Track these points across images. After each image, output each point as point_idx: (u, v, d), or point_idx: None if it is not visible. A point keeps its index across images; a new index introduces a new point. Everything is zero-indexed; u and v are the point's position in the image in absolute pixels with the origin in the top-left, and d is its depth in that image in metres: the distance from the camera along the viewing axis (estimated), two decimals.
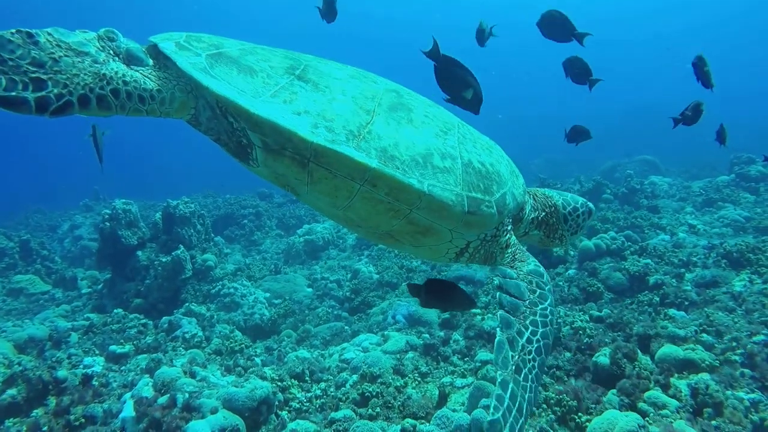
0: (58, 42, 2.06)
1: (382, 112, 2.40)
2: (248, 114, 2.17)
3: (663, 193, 14.52)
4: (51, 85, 1.97)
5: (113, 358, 6.77)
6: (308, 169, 2.27)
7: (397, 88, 2.68)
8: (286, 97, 2.26)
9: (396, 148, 2.32)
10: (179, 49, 2.30)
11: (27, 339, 7.89)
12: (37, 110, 1.92)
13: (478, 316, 7.49)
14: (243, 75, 2.28)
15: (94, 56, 2.14)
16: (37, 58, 1.97)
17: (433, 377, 6.03)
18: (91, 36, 2.22)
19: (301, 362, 6.27)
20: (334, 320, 9.01)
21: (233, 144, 2.41)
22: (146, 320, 8.49)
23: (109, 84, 2.13)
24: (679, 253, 8.89)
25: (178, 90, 2.35)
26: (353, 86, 2.45)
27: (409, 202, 2.36)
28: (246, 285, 10.20)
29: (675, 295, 7.31)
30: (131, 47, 2.32)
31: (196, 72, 2.22)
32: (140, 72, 2.28)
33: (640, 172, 18.78)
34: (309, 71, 2.43)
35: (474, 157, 2.60)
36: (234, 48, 2.43)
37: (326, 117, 2.25)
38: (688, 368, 5.00)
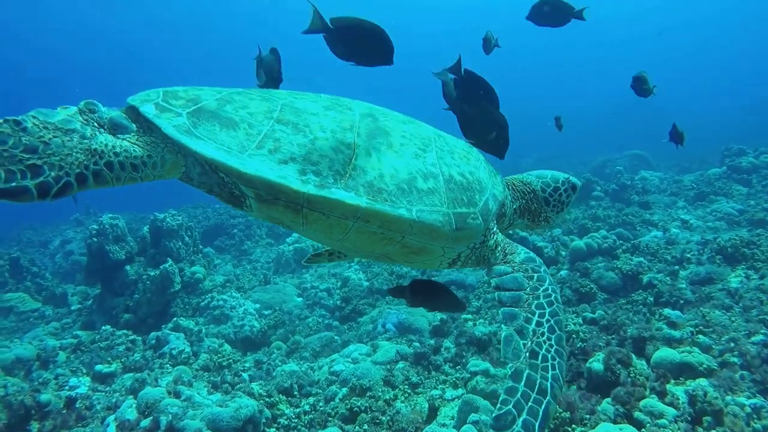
0: (44, 124, 2.08)
1: (362, 143, 2.46)
2: (239, 173, 2.22)
3: (654, 188, 14.44)
4: (47, 169, 2.00)
5: (99, 378, 6.63)
6: (302, 213, 2.35)
7: (371, 110, 2.72)
8: (270, 145, 2.31)
9: (381, 180, 2.40)
10: (160, 112, 2.31)
11: (14, 360, 7.77)
12: (39, 197, 1.95)
13: (469, 322, 7.38)
14: (226, 129, 2.32)
15: (81, 132, 2.16)
16: (29, 144, 2.00)
17: (424, 387, 5.90)
18: (73, 111, 2.24)
19: (290, 376, 6.13)
20: (324, 330, 8.89)
21: (226, 194, 2.47)
22: (135, 336, 8.36)
23: (102, 158, 2.17)
24: (673, 250, 8.81)
25: (167, 152, 2.38)
26: (330, 120, 2.50)
27: (400, 231, 2.45)
28: (235, 297, 10.07)
29: (669, 293, 7.22)
30: (113, 116, 2.34)
31: (182, 135, 2.24)
32: (128, 140, 2.30)
33: (630, 167, 18.72)
34: (286, 112, 2.47)
35: (454, 170, 2.67)
36: (211, 100, 2.45)
37: (312, 160, 2.31)
38: (685, 372, 4.85)
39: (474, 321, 7.40)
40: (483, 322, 7.24)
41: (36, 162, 1.98)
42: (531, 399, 2.27)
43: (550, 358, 2.40)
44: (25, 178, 1.93)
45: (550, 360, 2.40)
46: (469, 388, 5.12)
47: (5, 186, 1.89)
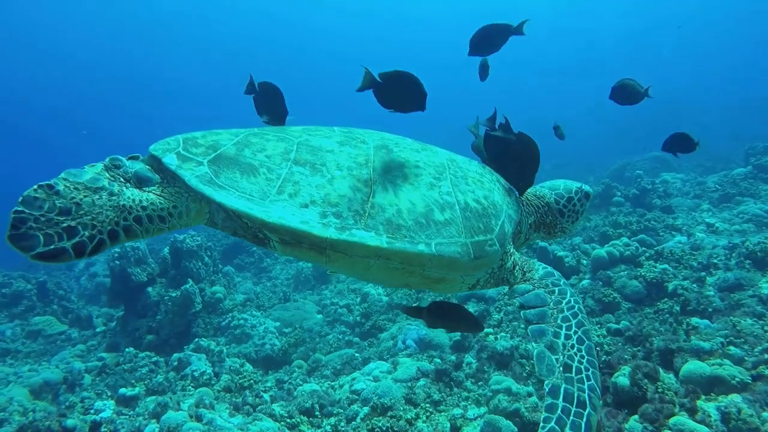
0: (74, 185, 2.20)
1: (378, 179, 2.54)
2: (262, 222, 2.32)
3: (676, 191, 14.15)
4: (81, 228, 2.11)
5: (123, 401, 6.68)
6: (325, 254, 2.43)
7: (384, 141, 2.79)
8: (290, 189, 2.39)
9: (400, 216, 2.47)
10: (182, 162, 2.41)
11: (42, 383, 7.92)
12: (76, 256, 2.08)
13: (491, 336, 7.27)
14: (247, 176, 2.41)
15: (108, 189, 2.27)
16: (63, 206, 2.12)
17: (446, 405, 5.82)
18: (100, 168, 2.35)
19: (311, 396, 6.10)
20: (345, 346, 8.84)
21: (250, 236, 2.56)
22: (157, 357, 8.42)
23: (131, 213, 2.27)
24: (698, 256, 8.58)
25: (191, 201, 2.48)
26: (346, 156, 2.59)
27: (421, 265, 2.51)
28: (256, 315, 10.10)
29: (697, 301, 7.02)
30: (138, 170, 2.44)
31: (205, 186, 2.34)
32: (153, 192, 2.41)
33: (651, 170, 18.40)
34: (302, 151, 2.56)
35: (469, 196, 2.72)
36: (229, 145, 2.54)
37: (331, 202, 2.39)
38: (716, 386, 4.67)
39: (495, 335, 7.29)
40: (504, 336, 7.13)
41: (71, 223, 2.09)
42: (572, 413, 2.30)
43: (583, 369, 2.44)
44: (62, 240, 2.05)
45: (584, 371, 2.43)
46: (491, 406, 5.03)
47: (46, 249, 2.01)
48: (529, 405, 4.98)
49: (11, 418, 6.13)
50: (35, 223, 2.04)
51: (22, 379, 7.88)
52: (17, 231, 2.01)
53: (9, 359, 10.56)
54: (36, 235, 2.02)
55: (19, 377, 8.03)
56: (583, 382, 2.38)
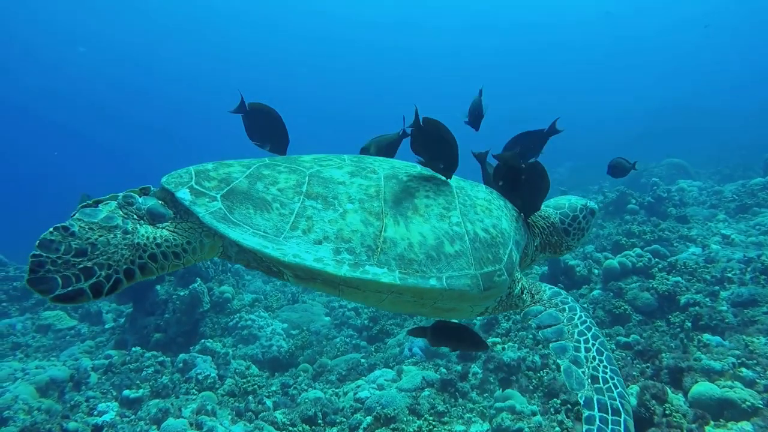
0: (89, 225, 2.24)
1: (389, 211, 2.57)
2: (277, 260, 2.33)
3: (692, 200, 13.91)
4: (98, 269, 2.15)
5: (127, 403, 6.69)
6: (339, 289, 2.48)
7: (394, 171, 2.82)
8: (304, 225, 2.42)
9: (411, 250, 2.49)
10: (195, 197, 2.43)
11: (48, 381, 7.93)
12: (94, 296, 2.12)
13: (498, 345, 7.18)
14: (260, 212, 2.43)
15: (122, 227, 2.30)
16: (78, 247, 2.15)
17: (450, 416, 5.74)
18: (113, 206, 2.38)
19: (314, 404, 6.06)
20: (352, 350, 8.81)
21: (264, 268, 2.57)
22: (164, 357, 8.43)
23: (146, 251, 2.30)
24: (712, 269, 8.42)
25: (205, 236, 2.49)
26: (357, 188, 2.62)
27: (432, 299, 2.55)
28: (263, 316, 10.09)
29: (709, 316, 6.88)
30: (151, 206, 2.47)
31: (219, 224, 2.36)
32: (167, 229, 2.43)
33: (667, 177, 18.13)
34: (314, 184, 2.59)
35: (478, 226, 2.74)
36: (241, 177, 2.57)
37: (344, 238, 2.42)
38: (726, 409, 4.54)
39: (503, 345, 7.19)
40: (512, 346, 7.03)
41: (87, 264, 2.13)
42: (610, 422, 2.39)
43: (609, 379, 2.54)
44: (79, 281, 2.09)
45: (610, 381, 2.53)
46: (494, 425, 4.94)
47: (64, 291, 2.05)
48: (533, 425, 4.89)
49: (16, 416, 6.16)
50: (53, 266, 2.07)
51: (29, 376, 7.91)
52: (35, 275, 2.05)
53: (19, 353, 10.67)
54: (54, 278, 2.06)
55: (26, 374, 8.08)
56: (612, 391, 2.48)
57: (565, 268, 9.28)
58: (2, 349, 10.88)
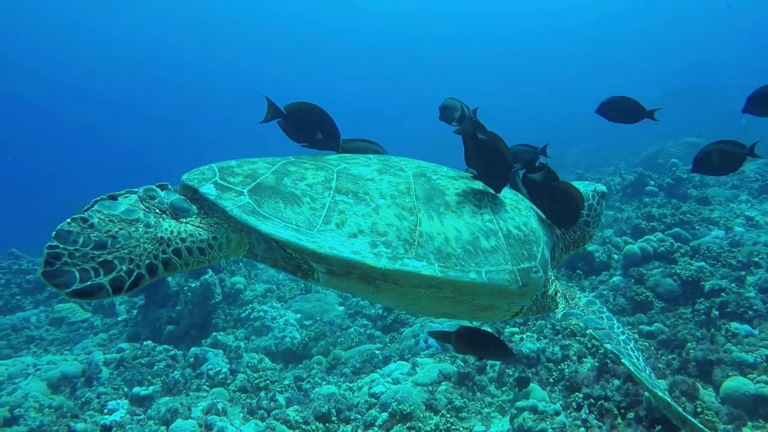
0: (109, 217, 2.12)
1: (422, 207, 2.50)
2: (313, 253, 2.22)
3: (713, 180, 13.49)
4: (118, 263, 2.02)
5: (137, 401, 6.59)
6: (375, 284, 2.37)
7: (421, 169, 2.77)
8: (337, 219, 2.33)
9: (448, 244, 2.42)
10: (221, 192, 2.32)
11: (60, 377, 7.89)
12: (114, 292, 1.98)
13: (516, 335, 6.96)
14: (290, 206, 2.33)
15: (144, 221, 2.19)
16: (98, 240, 2.03)
17: (468, 411, 5.57)
18: (134, 200, 2.25)
19: (328, 400, 5.91)
20: (366, 341, 8.65)
21: (291, 267, 2.46)
22: (175, 351, 8.34)
23: (170, 246, 2.18)
24: (737, 253, 8.10)
25: (231, 231, 2.39)
26: (387, 184, 2.55)
27: (471, 294, 2.46)
28: (276, 307, 9.98)
29: (736, 303, 6.60)
30: (173, 200, 2.35)
31: (249, 217, 2.25)
32: (191, 223, 2.32)
33: (685, 156, 17.63)
34: (343, 180, 2.51)
35: (510, 224, 2.69)
36: (268, 173, 2.48)
37: (379, 231, 2.34)
38: (761, 406, 4.29)
39: (521, 335, 6.97)
40: (531, 336, 6.81)
41: (107, 257, 2.00)
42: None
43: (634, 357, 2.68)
44: (98, 275, 1.96)
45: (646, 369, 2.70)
46: (515, 425, 4.74)
47: (82, 286, 1.91)
48: (556, 425, 4.68)
49: (27, 414, 6.09)
50: (70, 258, 1.94)
51: (40, 372, 7.87)
52: (51, 267, 1.92)
53: (33, 347, 10.67)
54: (71, 271, 1.93)
55: (37, 369, 8.04)
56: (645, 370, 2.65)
57: (584, 254, 9.01)
58: (17, 343, 10.89)
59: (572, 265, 9.04)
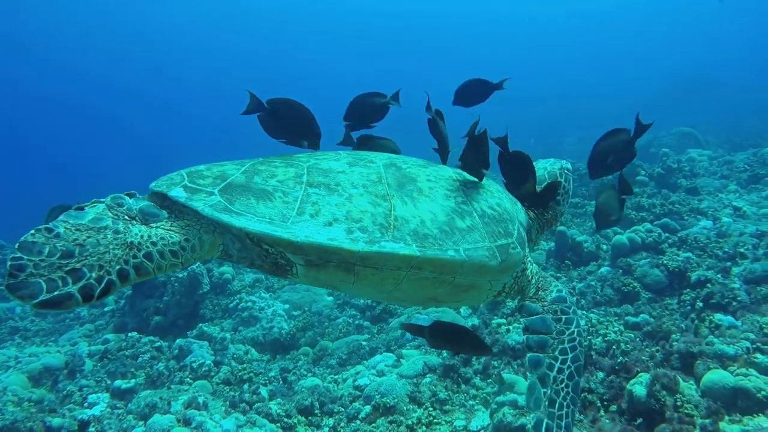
0: (76, 226, 2.07)
1: (395, 193, 2.52)
2: (288, 242, 2.22)
3: (703, 170, 13.49)
4: (87, 270, 1.97)
5: (118, 394, 6.53)
6: (354, 271, 2.37)
7: (391, 160, 2.79)
8: (311, 210, 2.33)
9: (424, 226, 2.44)
10: (191, 194, 2.31)
11: (42, 369, 7.78)
12: (84, 300, 1.93)
13: (503, 327, 6.94)
14: (262, 201, 2.33)
15: (113, 227, 2.15)
16: (65, 249, 1.98)
17: (452, 404, 5.54)
18: (102, 208, 2.22)
19: (311, 393, 5.88)
20: (354, 331, 8.62)
21: (268, 265, 2.45)
22: (161, 342, 8.27)
23: (140, 250, 2.14)
24: (724, 244, 8.10)
25: (204, 232, 2.36)
26: (358, 175, 2.56)
27: (452, 272, 2.49)
28: (264, 297, 9.93)
29: (721, 294, 6.58)
30: (142, 206, 2.31)
31: (221, 214, 2.23)
32: (162, 227, 2.28)
33: (677, 146, 17.65)
34: (314, 174, 2.51)
35: (483, 204, 2.74)
36: (238, 174, 2.46)
37: (354, 218, 2.35)
38: (740, 399, 4.25)
39: (508, 326, 6.95)
40: (517, 328, 6.78)
41: (75, 266, 1.96)
42: None
43: (565, 406, 2.64)
44: (66, 284, 1.91)
45: (565, 408, 2.64)
46: (495, 420, 4.71)
47: (49, 296, 1.85)
48: None
49: (5, 408, 6.00)
50: (35, 269, 1.89)
51: (21, 364, 7.77)
52: (16, 279, 1.86)
53: (18, 338, 10.57)
54: (37, 282, 1.87)
55: (18, 362, 7.94)
56: (562, 419, 2.60)
57: (572, 244, 9.00)
58: (1, 334, 10.79)
59: (561, 255, 9.03)
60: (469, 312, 8.17)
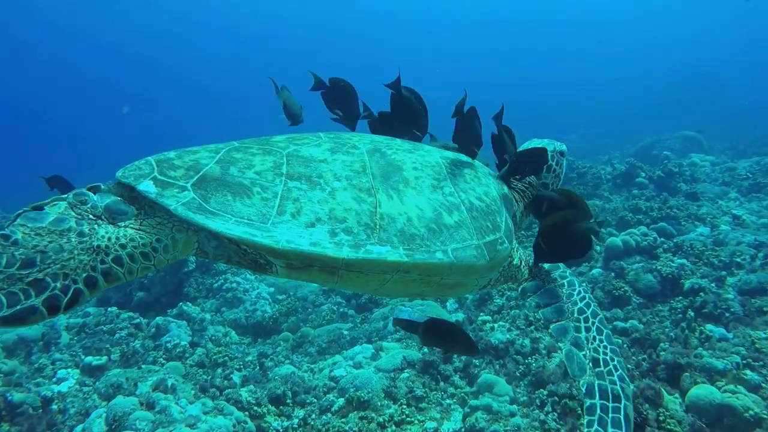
0: (36, 231, 1.89)
1: (380, 186, 2.37)
2: (269, 249, 2.08)
3: (704, 176, 13.24)
4: (51, 280, 1.81)
5: (88, 371, 6.36)
6: (338, 275, 2.25)
7: (375, 144, 2.63)
8: (292, 208, 2.17)
9: (411, 224, 2.32)
10: (162, 189, 2.12)
11: (17, 340, 7.62)
12: (50, 313, 1.78)
13: (488, 324, 6.77)
14: (240, 198, 2.16)
15: (77, 229, 1.97)
16: (24, 258, 1.80)
17: (429, 402, 5.37)
18: (63, 207, 2.03)
19: (284, 382, 5.70)
20: (338, 319, 8.46)
21: (247, 262, 2.32)
22: (140, 320, 8.11)
23: (108, 254, 1.98)
24: (721, 252, 7.90)
25: (176, 231, 2.20)
26: (341, 164, 2.40)
27: (440, 275, 2.39)
28: (249, 279, 9.75)
29: (714, 304, 6.41)
30: (108, 203, 2.12)
31: (195, 215, 2.06)
32: (131, 227, 2.11)
33: (680, 150, 17.40)
34: (294, 164, 2.34)
35: (471, 195, 2.62)
36: (211, 163, 2.27)
37: (338, 218, 2.20)
38: (727, 416, 4.08)
39: (493, 324, 6.78)
40: (502, 326, 6.61)
41: (37, 276, 1.79)
42: (610, 409, 2.43)
43: (609, 361, 2.57)
44: (29, 297, 1.75)
45: (610, 363, 2.57)
46: (467, 425, 4.53)
47: (10, 312, 1.70)
48: (510, 428, 4.47)
49: None
50: None
51: None
52: None
53: None
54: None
55: None
56: (612, 374, 2.51)
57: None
58: None
59: None
60: (455, 306, 8.00)
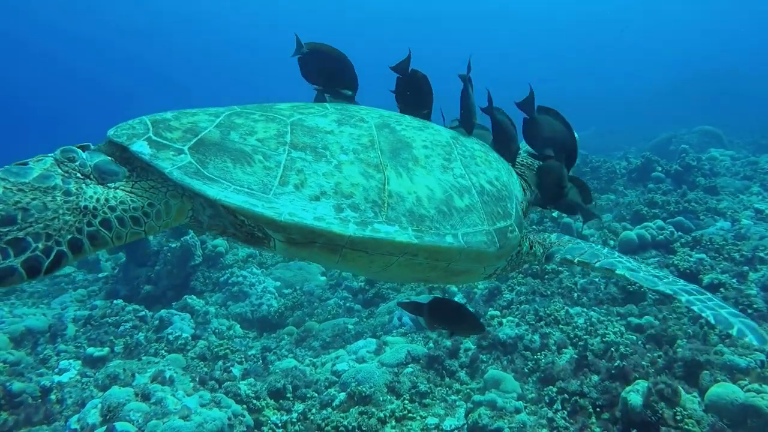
0: (18, 186, 1.75)
1: (389, 162, 2.24)
2: (270, 221, 1.94)
3: (724, 170, 12.86)
4: (32, 240, 1.69)
5: (90, 362, 6.29)
6: (341, 253, 2.11)
7: (383, 119, 2.49)
8: (295, 179, 2.04)
9: (420, 205, 2.19)
10: (157, 150, 1.97)
11: (24, 331, 7.65)
12: (29, 276, 1.66)
13: (496, 319, 6.55)
14: (240, 165, 2.02)
15: (63, 188, 1.83)
16: (4, 214, 1.68)
17: (433, 398, 5.19)
18: (49, 163, 1.88)
19: (285, 376, 5.56)
20: (344, 314, 8.31)
21: (243, 235, 2.18)
22: (145, 312, 8.05)
23: (96, 216, 1.84)
24: (742, 247, 7.60)
25: (170, 196, 2.06)
26: (348, 137, 2.26)
27: (448, 259, 2.27)
28: (255, 273, 9.63)
29: (735, 300, 6.14)
30: (98, 162, 1.98)
31: (192, 180, 1.92)
32: (122, 188, 1.97)
33: (699, 145, 16.97)
34: (298, 133, 2.20)
35: (482, 178, 2.49)
36: (211, 127, 2.13)
37: (344, 192, 2.07)
38: (750, 418, 3.83)
39: (501, 318, 6.56)
40: (511, 321, 6.39)
41: (17, 235, 1.67)
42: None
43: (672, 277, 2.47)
44: (8, 257, 1.63)
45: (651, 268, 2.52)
46: (470, 421, 4.34)
47: None
48: (514, 425, 4.28)
49: None
50: None
51: (4, 325, 7.61)
52: None
53: (13, 298, 10.44)
54: None
55: (2, 322, 7.78)
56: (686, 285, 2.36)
57: (578, 237, 8.54)
58: None
59: None
60: (464, 301, 7.80)
